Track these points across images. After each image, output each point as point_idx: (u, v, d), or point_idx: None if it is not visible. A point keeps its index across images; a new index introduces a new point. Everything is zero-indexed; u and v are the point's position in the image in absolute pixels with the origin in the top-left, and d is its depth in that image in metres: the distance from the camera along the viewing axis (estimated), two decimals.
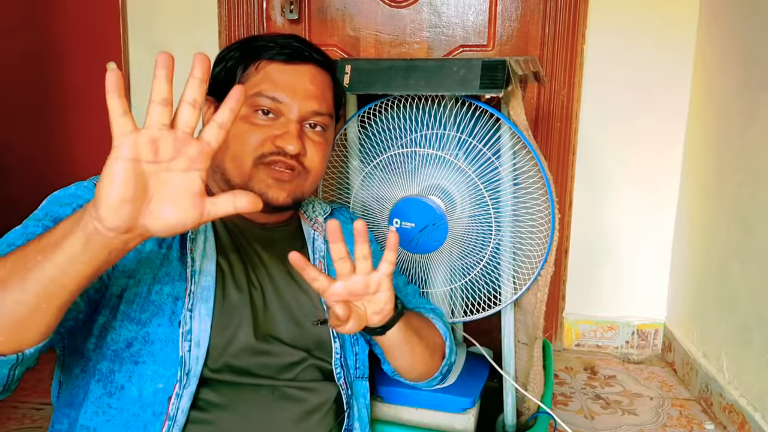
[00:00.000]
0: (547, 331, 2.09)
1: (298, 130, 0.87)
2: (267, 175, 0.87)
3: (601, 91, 1.99)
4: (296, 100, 0.88)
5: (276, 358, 0.88)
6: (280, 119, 0.88)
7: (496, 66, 1.02)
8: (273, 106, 0.87)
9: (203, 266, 0.84)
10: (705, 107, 1.87)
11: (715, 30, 1.83)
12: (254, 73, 0.89)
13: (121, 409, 0.78)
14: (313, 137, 0.90)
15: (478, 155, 1.10)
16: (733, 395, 1.57)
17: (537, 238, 1.12)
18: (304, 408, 0.88)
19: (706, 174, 1.84)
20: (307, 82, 0.90)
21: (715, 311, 1.74)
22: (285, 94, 0.87)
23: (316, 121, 0.90)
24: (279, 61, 0.89)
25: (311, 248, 0.98)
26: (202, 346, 0.81)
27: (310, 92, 0.89)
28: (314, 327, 0.92)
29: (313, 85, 0.90)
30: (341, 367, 0.94)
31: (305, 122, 0.89)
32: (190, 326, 0.80)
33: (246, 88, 0.86)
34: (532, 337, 1.23)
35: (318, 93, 0.90)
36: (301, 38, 0.93)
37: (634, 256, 2.07)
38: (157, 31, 2.11)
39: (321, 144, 0.91)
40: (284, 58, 0.89)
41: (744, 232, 1.59)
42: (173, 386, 0.79)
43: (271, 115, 0.87)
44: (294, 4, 2.03)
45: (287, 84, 0.88)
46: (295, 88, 0.88)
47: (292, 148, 0.86)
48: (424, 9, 2.03)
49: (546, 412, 1.20)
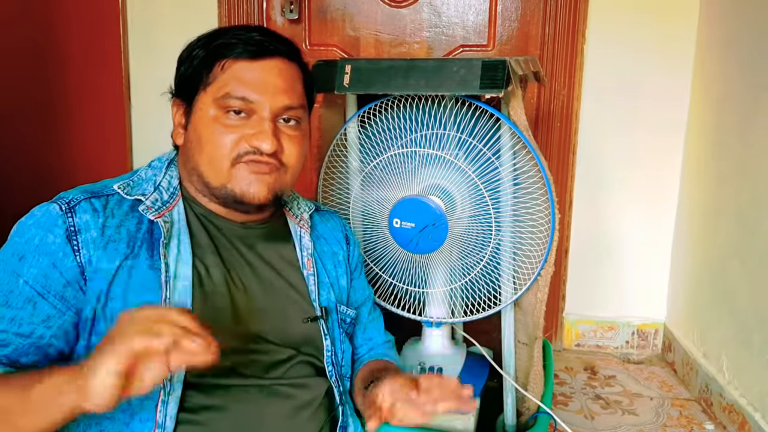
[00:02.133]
0: (547, 331, 2.09)
1: (272, 128, 0.86)
2: (247, 172, 0.86)
3: (601, 90, 1.99)
4: (266, 96, 0.86)
5: (263, 356, 0.88)
6: (253, 117, 0.86)
7: (497, 66, 1.02)
8: (243, 105, 0.85)
9: (178, 271, 0.83)
10: (705, 106, 1.87)
11: (714, 23, 1.83)
12: (220, 73, 0.87)
13: (112, 418, 0.79)
14: (288, 132, 0.89)
15: (478, 155, 1.10)
16: (733, 395, 1.57)
17: (537, 238, 1.12)
18: (294, 404, 0.88)
19: (706, 174, 1.84)
20: (275, 76, 0.87)
21: (715, 311, 1.74)
22: (254, 92, 0.85)
23: (289, 115, 0.89)
24: (244, 59, 0.86)
25: (299, 246, 0.98)
26: None
27: (280, 87, 0.87)
28: (303, 324, 0.93)
29: (282, 79, 0.88)
30: (332, 364, 0.95)
31: (278, 118, 0.88)
32: None
33: (214, 88, 0.86)
34: (532, 337, 1.23)
35: (287, 86, 0.88)
36: (264, 29, 0.91)
37: (634, 256, 2.07)
38: (157, 32, 2.11)
39: (297, 138, 0.90)
40: (249, 54, 0.87)
41: (744, 232, 1.59)
42: (158, 393, 0.79)
43: (243, 114, 0.86)
44: (294, 4, 2.03)
45: (255, 81, 0.86)
46: (263, 85, 0.86)
47: (267, 146, 0.84)
48: (424, 9, 2.03)
49: (546, 412, 1.20)
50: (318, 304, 0.95)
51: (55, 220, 0.80)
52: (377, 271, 1.23)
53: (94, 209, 0.82)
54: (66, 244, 0.79)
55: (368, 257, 1.23)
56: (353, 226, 1.23)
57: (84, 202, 0.82)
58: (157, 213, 0.85)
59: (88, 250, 0.80)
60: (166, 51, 2.10)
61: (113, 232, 0.82)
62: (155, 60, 2.13)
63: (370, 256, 1.23)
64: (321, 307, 0.95)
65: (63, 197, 0.82)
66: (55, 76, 2.15)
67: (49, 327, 0.78)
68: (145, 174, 0.90)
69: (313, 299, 0.95)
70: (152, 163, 0.93)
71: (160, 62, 2.13)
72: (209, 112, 0.86)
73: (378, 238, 1.20)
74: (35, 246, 0.79)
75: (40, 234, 0.79)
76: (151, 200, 0.86)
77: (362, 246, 1.23)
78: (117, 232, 0.82)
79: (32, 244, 0.79)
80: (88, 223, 0.81)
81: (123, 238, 0.82)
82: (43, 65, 2.15)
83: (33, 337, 0.77)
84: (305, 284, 0.95)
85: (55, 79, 2.16)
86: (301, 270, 0.96)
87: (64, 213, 0.80)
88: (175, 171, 0.92)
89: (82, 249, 0.79)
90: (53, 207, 0.81)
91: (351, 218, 1.23)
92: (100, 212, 0.82)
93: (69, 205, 0.81)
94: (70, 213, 0.80)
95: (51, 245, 0.79)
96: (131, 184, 0.87)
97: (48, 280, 0.78)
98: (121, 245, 0.82)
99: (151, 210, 0.85)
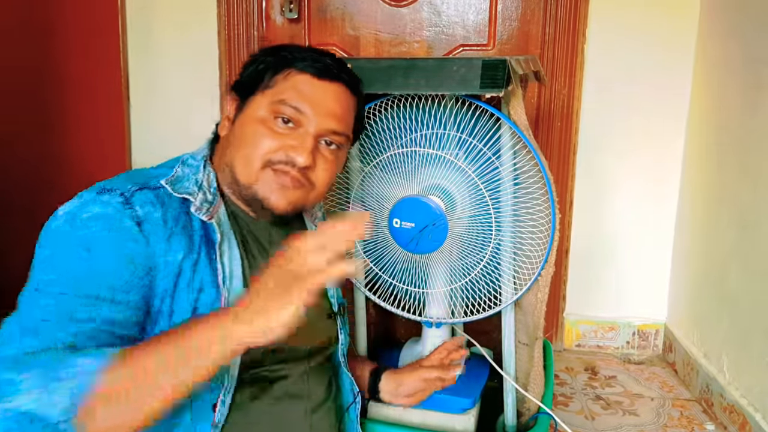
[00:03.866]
0: (547, 332, 2.09)
1: (313, 144, 0.88)
2: (273, 180, 0.87)
3: (601, 90, 1.99)
4: (317, 114, 0.88)
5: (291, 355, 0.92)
6: (299, 130, 0.87)
7: (497, 65, 1.01)
8: (294, 115, 0.87)
9: (233, 270, 0.84)
10: (706, 106, 1.87)
11: (716, 28, 1.82)
12: (282, 81, 0.88)
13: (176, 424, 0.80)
14: (325, 153, 0.90)
15: (478, 155, 1.10)
16: (734, 396, 1.57)
17: (537, 238, 1.11)
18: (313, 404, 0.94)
19: (706, 173, 1.84)
20: (332, 99, 0.90)
21: (715, 311, 1.74)
22: (308, 106, 0.87)
23: (332, 139, 0.90)
24: (309, 74, 0.88)
25: None
26: None
27: (333, 110, 0.89)
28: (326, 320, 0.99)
29: (337, 104, 0.90)
30: (343, 356, 1.03)
31: (321, 138, 0.89)
32: None
33: (272, 92, 0.87)
34: (532, 338, 1.22)
35: (340, 113, 0.90)
36: (335, 57, 0.93)
37: (634, 256, 2.07)
38: (156, 31, 2.11)
39: (332, 162, 0.91)
40: (314, 71, 0.89)
41: (745, 233, 1.59)
42: (217, 392, 0.80)
43: (291, 124, 0.87)
44: (293, 4, 2.03)
45: (312, 97, 0.88)
46: (319, 103, 0.88)
47: (302, 160, 0.86)
48: (424, 8, 2.02)
49: (546, 412, 1.19)
50: (336, 300, 1.01)
51: (120, 211, 0.77)
52: (377, 271, 1.22)
53: (151, 201, 0.81)
54: (138, 232, 0.77)
55: (368, 257, 1.23)
56: None
57: (138, 193, 0.80)
58: (208, 214, 0.84)
59: (156, 240, 0.79)
60: (165, 50, 2.14)
61: (173, 225, 0.81)
62: (154, 59, 2.13)
63: (370, 256, 1.22)
64: (338, 304, 1.02)
65: (111, 189, 0.79)
66: (54, 76, 2.15)
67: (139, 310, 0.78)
68: (182, 171, 0.88)
69: (331, 296, 1.01)
70: (186, 161, 0.90)
71: (159, 61, 2.14)
72: (260, 113, 0.87)
73: (378, 238, 1.20)
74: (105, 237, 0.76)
75: (109, 223, 0.77)
76: (199, 201, 0.85)
77: (362, 246, 1.22)
78: (176, 225, 0.81)
79: (100, 235, 0.76)
80: (151, 214, 0.80)
81: (182, 232, 0.81)
82: (42, 64, 2.14)
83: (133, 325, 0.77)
84: None
85: (54, 78, 2.15)
86: None
87: (124, 204, 0.78)
88: (211, 170, 0.91)
89: (150, 238, 0.78)
90: (109, 199, 0.78)
91: None
92: (157, 203, 0.81)
93: (125, 196, 0.79)
94: (129, 204, 0.79)
95: (127, 232, 0.77)
96: (174, 180, 0.85)
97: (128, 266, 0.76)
98: (183, 239, 0.81)
99: (201, 211, 0.84)
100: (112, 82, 2.12)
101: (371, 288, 1.26)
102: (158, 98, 2.13)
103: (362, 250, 1.23)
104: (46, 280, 0.73)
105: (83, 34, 2.13)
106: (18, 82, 2.16)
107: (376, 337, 1.49)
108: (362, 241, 1.23)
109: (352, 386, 1.06)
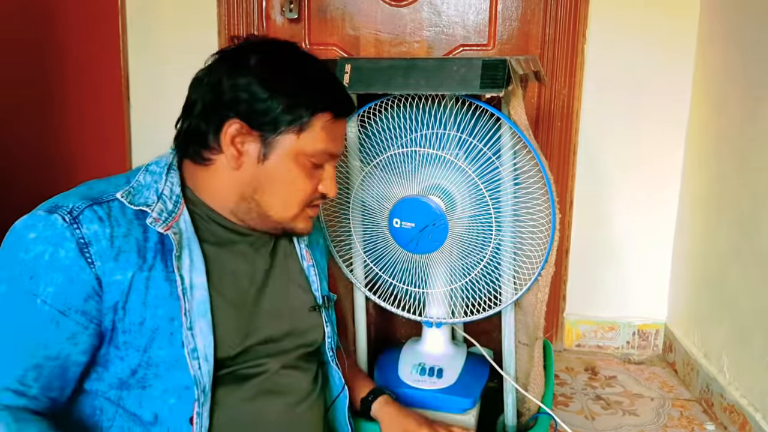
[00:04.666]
0: (547, 332, 2.09)
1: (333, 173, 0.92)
2: (310, 214, 0.93)
3: (601, 90, 1.99)
4: (340, 150, 0.93)
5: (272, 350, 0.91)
6: (324, 166, 0.91)
7: (497, 65, 1.01)
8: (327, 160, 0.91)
9: (194, 281, 0.82)
10: (706, 107, 1.87)
11: (716, 28, 1.82)
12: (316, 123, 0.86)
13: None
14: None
15: (478, 155, 1.10)
16: (734, 396, 1.57)
17: (537, 238, 1.11)
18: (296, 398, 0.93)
19: (706, 174, 1.84)
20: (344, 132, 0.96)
21: (715, 312, 1.74)
22: (337, 148, 0.91)
23: None
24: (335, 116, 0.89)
25: (296, 239, 1.01)
26: (209, 360, 0.81)
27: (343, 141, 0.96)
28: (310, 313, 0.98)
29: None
30: (331, 350, 1.02)
31: None
32: (195, 344, 0.80)
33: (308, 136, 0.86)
34: (532, 338, 1.22)
35: None
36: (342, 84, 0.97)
37: (634, 256, 2.07)
38: (156, 31, 2.11)
39: None
40: (341, 114, 0.91)
41: (745, 233, 1.59)
42: (191, 405, 0.79)
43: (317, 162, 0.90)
44: (293, 4, 2.03)
45: (337, 136, 0.91)
46: (340, 140, 0.92)
47: (333, 194, 0.92)
48: (424, 8, 2.03)
49: (546, 412, 1.19)
50: (320, 293, 1.00)
51: (63, 233, 0.76)
52: (377, 271, 1.23)
53: (99, 218, 0.78)
54: (80, 257, 0.76)
55: (368, 257, 1.23)
56: (353, 226, 1.22)
57: (87, 211, 0.78)
58: (165, 225, 0.82)
59: (101, 262, 0.77)
60: (165, 50, 2.14)
61: (122, 242, 0.79)
62: (154, 59, 2.13)
63: (370, 256, 1.22)
64: (323, 297, 1.01)
65: (62, 206, 0.78)
66: (54, 75, 2.15)
67: (76, 344, 0.77)
68: (144, 180, 0.86)
69: (315, 289, 1.00)
70: (150, 168, 0.88)
71: (160, 61, 2.14)
72: (296, 158, 0.87)
73: (378, 238, 1.20)
74: (46, 262, 0.75)
75: (49, 249, 0.75)
76: (156, 211, 0.82)
77: (362, 246, 1.22)
78: (126, 241, 0.79)
79: (42, 260, 0.75)
80: (97, 233, 0.77)
81: (133, 248, 0.79)
82: (42, 64, 2.15)
83: (61, 358, 0.76)
84: (305, 275, 1.00)
85: (54, 78, 2.15)
86: (301, 262, 1.00)
87: (69, 224, 0.76)
88: (176, 176, 0.88)
89: (96, 261, 0.76)
90: (55, 218, 0.76)
91: (351, 218, 1.23)
92: (106, 221, 0.78)
93: (72, 215, 0.77)
94: (76, 224, 0.76)
95: (64, 260, 0.75)
96: (132, 191, 0.83)
97: (67, 297, 0.76)
98: (132, 255, 0.79)
99: (158, 222, 0.81)
100: (113, 82, 2.12)
101: (371, 288, 1.26)
102: (158, 97, 2.13)
103: (362, 250, 1.23)
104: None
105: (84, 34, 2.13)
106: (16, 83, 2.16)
107: (376, 337, 1.49)
108: (363, 241, 1.23)
109: (340, 379, 1.04)
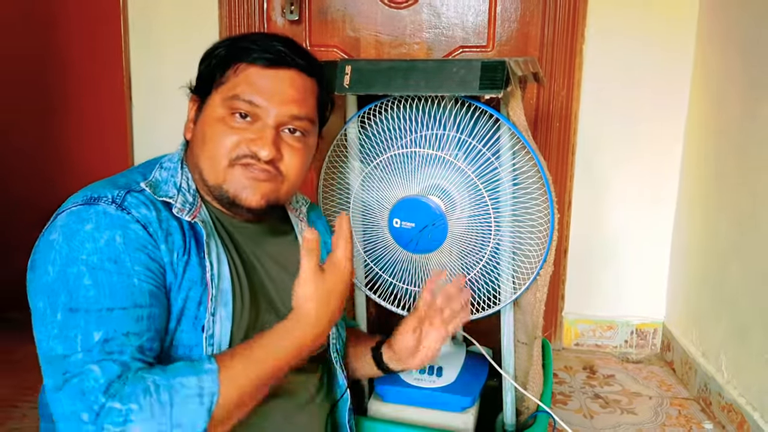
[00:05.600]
0: (546, 331, 2.10)
1: (274, 135, 0.86)
2: (242, 176, 0.86)
3: (600, 91, 2.00)
4: (274, 104, 0.86)
5: None
6: (257, 123, 0.87)
7: (496, 67, 1.02)
8: (250, 109, 0.86)
9: (221, 269, 0.84)
10: (705, 106, 1.88)
11: (714, 29, 1.83)
12: (233, 76, 0.88)
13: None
14: (291, 142, 0.89)
15: (477, 156, 1.11)
16: (732, 394, 1.58)
17: (536, 237, 1.12)
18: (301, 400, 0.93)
19: (705, 173, 1.85)
20: (287, 86, 0.88)
21: (714, 310, 1.75)
22: (262, 97, 0.86)
23: (295, 126, 0.89)
24: (259, 65, 0.87)
25: (301, 238, 1.01)
26: (224, 349, 0.82)
27: (290, 96, 0.88)
28: None
29: (293, 89, 0.89)
30: (336, 351, 1.01)
31: (284, 127, 0.88)
32: (213, 330, 0.81)
33: (225, 89, 0.87)
34: (531, 337, 1.23)
35: (298, 97, 0.89)
36: (288, 40, 0.91)
37: (633, 255, 2.08)
38: (157, 32, 2.12)
39: (300, 150, 0.90)
40: (264, 62, 0.87)
41: (743, 231, 1.59)
42: None
43: (249, 118, 0.86)
44: (294, 5, 2.04)
45: (265, 88, 0.86)
46: (273, 93, 0.87)
47: (265, 153, 0.85)
48: (423, 10, 2.03)
49: (545, 411, 1.20)
50: None
51: (122, 216, 0.77)
52: (377, 271, 1.23)
53: (143, 203, 0.80)
54: (148, 236, 0.77)
55: (368, 257, 1.23)
56: (353, 226, 1.23)
57: (128, 197, 0.79)
58: (190, 214, 0.84)
59: (160, 242, 0.79)
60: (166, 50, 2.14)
61: (168, 225, 0.81)
62: (156, 59, 2.14)
63: (370, 256, 1.23)
64: None
65: (100, 196, 0.78)
66: (55, 75, 2.16)
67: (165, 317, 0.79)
68: (161, 176, 0.87)
69: None
70: (164, 164, 0.90)
71: (161, 61, 2.15)
72: (217, 112, 0.87)
73: (378, 238, 1.21)
74: (122, 244, 0.75)
75: (118, 232, 0.76)
76: (180, 203, 0.84)
77: (362, 246, 1.23)
78: (169, 225, 0.81)
79: (116, 243, 0.75)
80: (147, 216, 0.79)
81: (177, 230, 0.81)
82: (44, 64, 2.15)
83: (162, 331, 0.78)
84: None
85: (55, 77, 2.16)
86: None
87: (122, 209, 0.77)
88: (188, 171, 0.90)
89: (158, 241, 0.79)
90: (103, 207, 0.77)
91: (351, 218, 1.24)
92: (150, 205, 0.81)
93: (117, 203, 0.78)
94: (125, 209, 0.78)
95: (140, 239, 0.77)
96: (153, 184, 0.84)
97: (152, 272, 0.77)
98: (177, 238, 0.81)
99: (184, 212, 0.83)
100: (114, 82, 2.13)
101: (371, 287, 1.27)
102: (160, 98, 2.14)
103: (363, 250, 1.24)
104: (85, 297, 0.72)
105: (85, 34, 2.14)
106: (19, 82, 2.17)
107: None
108: (363, 241, 1.24)
109: (343, 381, 1.04)
